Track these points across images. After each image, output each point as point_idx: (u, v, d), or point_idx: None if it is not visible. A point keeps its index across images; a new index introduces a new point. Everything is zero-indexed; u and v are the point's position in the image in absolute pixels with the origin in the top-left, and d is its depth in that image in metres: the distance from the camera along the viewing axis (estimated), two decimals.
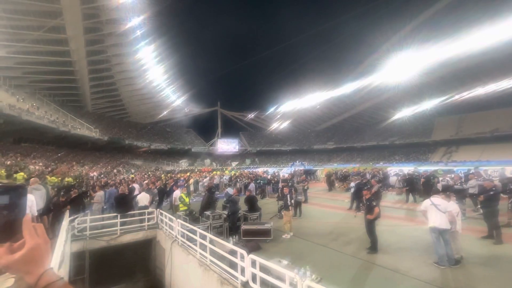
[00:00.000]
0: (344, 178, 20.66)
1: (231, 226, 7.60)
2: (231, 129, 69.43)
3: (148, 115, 57.58)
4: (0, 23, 28.33)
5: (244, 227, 7.09)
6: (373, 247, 6.40)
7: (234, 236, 7.00)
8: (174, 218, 7.20)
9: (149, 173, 31.52)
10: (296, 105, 60.44)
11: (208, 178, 22.59)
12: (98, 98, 46.25)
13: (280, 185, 12.50)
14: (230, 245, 4.90)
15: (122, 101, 50.69)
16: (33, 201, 5.31)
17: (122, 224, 8.13)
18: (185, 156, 54.67)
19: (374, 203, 6.48)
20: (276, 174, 24.89)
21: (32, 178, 6.92)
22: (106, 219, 8.85)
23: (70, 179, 17.22)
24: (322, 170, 29.39)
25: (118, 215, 7.99)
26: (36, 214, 5.42)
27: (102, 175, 23.73)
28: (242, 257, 4.35)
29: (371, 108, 56.29)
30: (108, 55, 40.10)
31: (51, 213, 7.42)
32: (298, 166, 33.88)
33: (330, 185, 19.30)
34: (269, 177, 21.37)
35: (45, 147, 31.59)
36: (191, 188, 16.94)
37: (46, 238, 0.57)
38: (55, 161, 27.09)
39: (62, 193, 8.60)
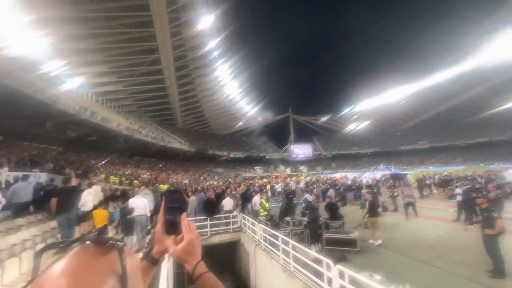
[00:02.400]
0: (445, 183, 17.33)
1: (312, 234, 7.40)
2: (304, 134, 68.63)
3: (226, 127, 62.88)
4: (117, 64, 36.49)
5: (327, 235, 6.78)
6: (499, 270, 5.08)
7: (316, 244, 6.78)
8: (256, 223, 7.52)
9: (230, 179, 34.14)
10: (375, 102, 54.95)
11: (279, 184, 22.81)
12: (186, 115, 53.46)
13: (364, 191, 11.47)
14: (313, 253, 4.76)
15: (204, 116, 57.13)
16: (147, 204, 6.55)
17: (211, 226, 9.02)
18: (260, 163, 57.03)
19: (495, 215, 5.17)
20: (358, 179, 22.97)
21: (142, 186, 8.54)
22: (198, 221, 9.99)
23: (167, 186, 20.38)
24: (416, 173, 25.11)
25: (208, 217, 8.91)
26: (149, 214, 6.67)
27: (192, 182, 27.09)
28: (328, 266, 4.15)
29: (478, 96, 45.79)
30: (192, 77, 46.17)
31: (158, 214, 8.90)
32: (382, 170, 30.44)
33: (423, 191, 16.54)
34: (349, 182, 19.93)
35: (149, 159, 38.41)
36: (269, 193, 17.43)
37: (197, 234, 0.70)
38: (157, 170, 32.52)
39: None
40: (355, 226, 9.16)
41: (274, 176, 38.10)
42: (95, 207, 6.84)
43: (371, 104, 55.62)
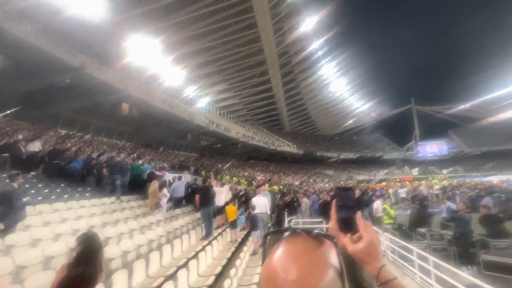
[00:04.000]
0: None
1: (462, 252, 5.87)
2: (434, 127, 55.99)
3: (334, 127, 60.24)
4: (233, 81, 42.20)
5: (486, 257, 5.20)
6: None
7: (469, 266, 5.34)
8: (380, 231, 6.74)
9: (341, 182, 32.33)
10: None
11: (404, 189, 19.42)
12: (293, 119, 55.07)
13: None
14: (470, 277, 3.76)
15: (311, 118, 57.01)
16: (267, 203, 7.18)
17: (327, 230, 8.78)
18: (376, 164, 50.89)
19: None
20: None
21: (262, 186, 9.43)
22: (315, 223, 9.98)
23: (280, 187, 21.51)
24: None
25: (323, 220, 8.74)
26: (269, 212, 7.29)
27: (302, 184, 27.47)
28: None
29: None
30: (297, 81, 47.30)
31: (275, 213, 9.55)
32: None
33: None
34: None
35: (262, 162, 41.85)
36: (392, 199, 15.28)
37: (377, 236, 0.66)
38: (269, 172, 35.02)
39: (279, 198, 10.85)
40: None
41: (397, 179, 33.02)
42: (227, 203, 8.09)
43: None
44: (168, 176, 10.76)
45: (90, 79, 16.01)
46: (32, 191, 6.62)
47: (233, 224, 7.57)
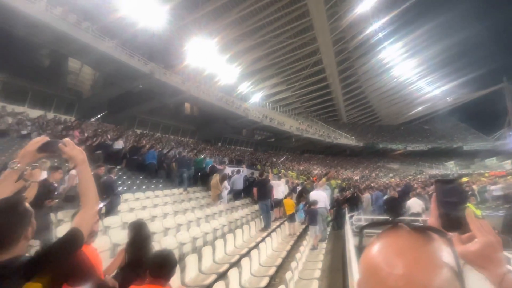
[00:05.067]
0: None
1: None
2: None
3: (400, 115, 54.33)
4: (286, 73, 41.77)
5: None
6: None
7: None
8: None
9: (409, 177, 29.11)
10: None
11: (499, 185, 16.21)
12: (351, 109, 51.74)
13: None
14: None
15: (372, 107, 52.61)
16: (326, 197, 6.99)
17: None
18: (453, 156, 43.90)
19: None
20: None
21: (321, 181, 9.19)
22: (375, 220, 9.30)
23: (338, 181, 20.57)
24: None
25: (391, 219, 8.05)
26: (329, 207, 7.07)
27: (363, 179, 25.72)
28: None
29: None
30: (355, 68, 44.17)
31: (334, 208, 9.21)
32: None
33: None
34: None
35: (318, 156, 40.63)
36: (478, 197, 13.07)
37: (497, 237, 0.56)
38: (326, 166, 33.81)
39: (339, 193, 10.41)
40: None
41: (485, 174, 27.94)
42: (285, 197, 8.15)
43: None
44: (228, 169, 11.38)
45: (158, 84, 17.98)
46: (119, 182, 7.84)
47: (291, 218, 7.59)
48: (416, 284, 0.39)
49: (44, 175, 4.81)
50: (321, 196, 6.85)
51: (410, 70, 45.42)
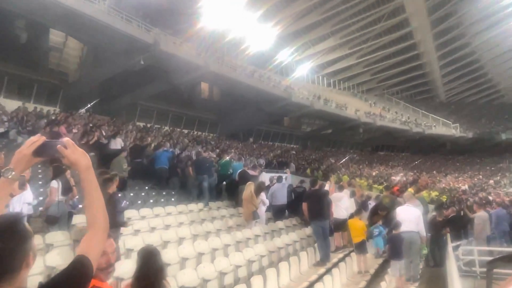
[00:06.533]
0: None
1: None
2: None
3: None
4: (347, 31, 40.68)
5: None
6: None
7: None
8: None
9: None
10: None
11: None
12: (451, 81, 48.73)
13: None
14: None
15: (487, 75, 48.92)
16: (420, 217, 6.71)
17: None
18: None
19: None
20: None
21: (406, 192, 8.78)
22: (497, 253, 8.66)
23: (434, 193, 19.51)
24: None
25: None
26: (424, 231, 6.79)
27: (474, 188, 24.10)
28: None
29: None
30: (458, 15, 41.51)
31: (430, 234, 8.77)
32: None
33: None
34: None
35: (399, 154, 39.10)
36: None
37: None
38: (413, 170, 32.33)
39: (436, 210, 9.90)
40: None
41: None
42: (351, 216, 8.01)
43: None
44: (265, 176, 11.51)
45: (164, 57, 18.80)
46: (119, 194, 8.43)
47: (360, 248, 7.46)
48: None
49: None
50: (410, 215, 6.64)
51: None
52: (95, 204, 1.21)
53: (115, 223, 5.15)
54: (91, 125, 13.24)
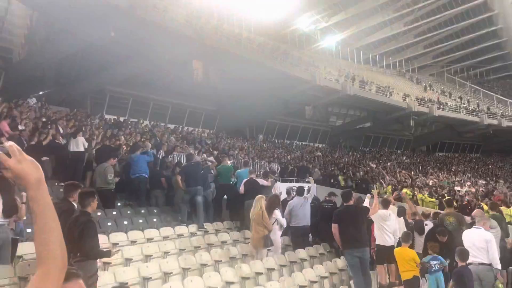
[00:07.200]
0: None
1: None
2: None
3: None
4: None
5: None
6: None
7: None
8: None
9: None
10: None
11: None
12: None
13: None
14: None
15: None
16: (493, 242, 6.52)
17: None
18: None
19: None
20: None
21: (476, 210, 8.63)
22: None
23: None
24: None
25: None
26: (498, 263, 6.63)
27: None
28: None
29: None
30: None
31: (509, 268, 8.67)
32: None
33: None
34: None
35: (465, 155, 38.68)
36: None
37: None
38: (484, 177, 31.94)
39: None
40: None
41: None
42: (399, 243, 7.91)
43: None
44: (280, 187, 11.45)
45: (143, 26, 18.74)
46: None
47: (412, 286, 7.40)
48: None
49: None
50: (478, 241, 6.52)
51: None
52: (48, 231, 1.17)
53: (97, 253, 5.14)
54: (44, 119, 13.29)
